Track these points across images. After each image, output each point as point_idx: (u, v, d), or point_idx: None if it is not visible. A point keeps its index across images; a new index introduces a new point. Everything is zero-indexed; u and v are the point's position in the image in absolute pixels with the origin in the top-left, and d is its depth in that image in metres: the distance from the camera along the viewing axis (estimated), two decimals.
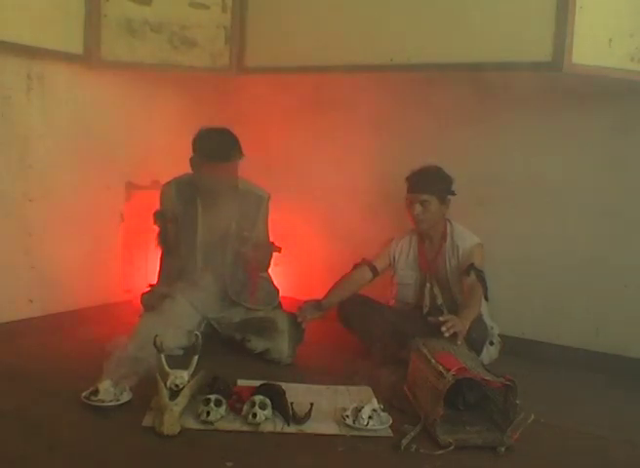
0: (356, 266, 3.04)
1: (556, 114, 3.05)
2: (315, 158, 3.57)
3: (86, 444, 1.98)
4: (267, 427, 2.13)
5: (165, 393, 2.12)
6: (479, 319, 2.72)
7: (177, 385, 2.17)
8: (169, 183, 2.97)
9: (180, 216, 2.90)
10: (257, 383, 2.32)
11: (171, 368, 2.23)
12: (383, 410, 2.22)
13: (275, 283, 3.16)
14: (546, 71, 2.67)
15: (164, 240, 2.90)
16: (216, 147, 2.79)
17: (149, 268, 3.44)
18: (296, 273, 3.60)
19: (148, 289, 3.02)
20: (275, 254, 3.00)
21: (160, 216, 2.92)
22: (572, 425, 2.32)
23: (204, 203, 2.93)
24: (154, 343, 2.26)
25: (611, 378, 2.87)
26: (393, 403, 2.37)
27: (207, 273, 2.91)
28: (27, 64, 2.94)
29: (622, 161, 2.96)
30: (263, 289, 3.04)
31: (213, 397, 2.16)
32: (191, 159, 2.86)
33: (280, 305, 3.11)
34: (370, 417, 2.15)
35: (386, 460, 2.01)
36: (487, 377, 2.12)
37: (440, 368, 2.15)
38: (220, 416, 2.14)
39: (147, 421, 2.11)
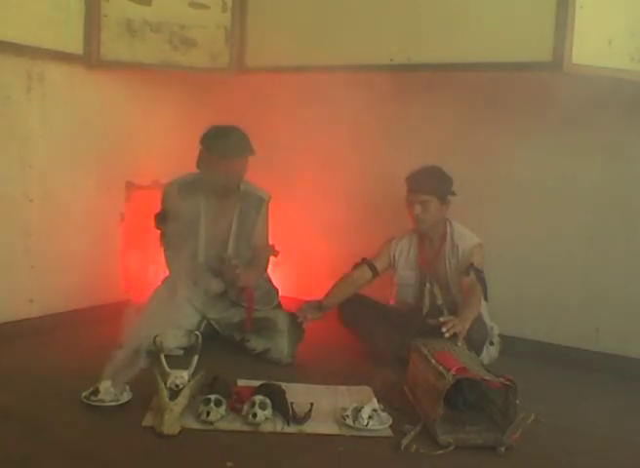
0: (356, 266, 3.04)
1: (556, 114, 3.04)
2: (316, 158, 3.57)
3: (86, 444, 1.99)
4: (267, 427, 2.13)
5: (165, 393, 2.13)
6: (479, 319, 2.72)
7: (177, 385, 2.17)
8: (172, 183, 2.96)
9: (182, 216, 2.90)
10: (257, 383, 2.32)
11: (171, 368, 2.23)
12: (383, 411, 2.22)
13: (274, 283, 3.16)
14: (546, 71, 2.67)
15: (168, 240, 2.89)
16: (229, 143, 2.81)
17: (149, 268, 3.45)
18: (296, 273, 3.60)
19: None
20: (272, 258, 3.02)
21: (162, 217, 2.91)
22: (572, 425, 2.32)
23: (206, 203, 2.93)
24: (154, 343, 2.26)
25: (611, 378, 2.87)
26: (393, 403, 2.37)
27: (207, 273, 2.91)
28: (27, 64, 2.94)
29: (622, 161, 2.96)
30: (262, 288, 3.04)
31: (213, 397, 2.16)
32: (199, 155, 2.86)
33: (280, 305, 3.11)
34: (370, 417, 2.15)
35: (386, 460, 2.01)
36: (487, 377, 2.12)
37: (440, 368, 2.15)
38: (219, 416, 2.14)
39: (147, 421, 2.11)
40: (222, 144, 2.80)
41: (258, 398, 2.17)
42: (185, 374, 2.22)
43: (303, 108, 3.49)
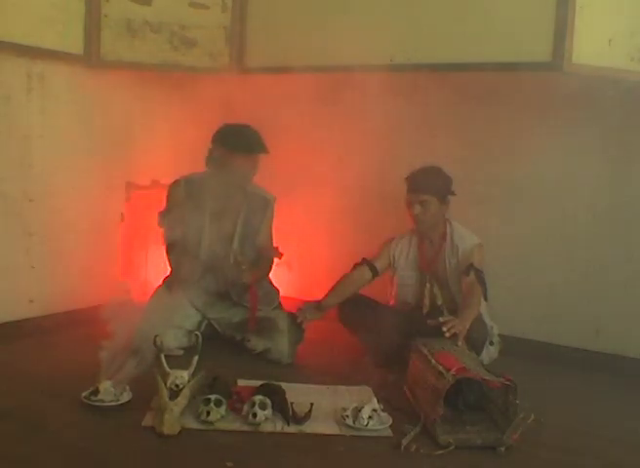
0: (356, 266, 3.04)
1: (556, 114, 3.05)
2: (317, 158, 3.57)
3: (86, 444, 1.99)
4: (267, 427, 2.13)
5: (165, 393, 2.13)
6: (479, 319, 2.72)
7: (177, 385, 2.17)
8: (178, 181, 2.95)
9: (186, 215, 2.89)
10: (257, 383, 2.32)
11: (171, 368, 2.23)
12: (383, 411, 2.22)
13: (275, 283, 3.16)
14: (546, 71, 2.68)
15: (170, 239, 2.88)
16: (248, 140, 2.82)
17: (149, 268, 3.45)
18: (296, 273, 3.60)
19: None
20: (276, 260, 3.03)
21: (167, 215, 2.90)
22: (572, 425, 2.32)
23: (211, 203, 2.93)
24: (154, 343, 2.26)
25: (611, 378, 2.87)
26: (393, 403, 2.37)
27: (209, 273, 2.91)
28: (27, 64, 2.94)
29: (622, 161, 2.96)
30: (264, 289, 3.04)
31: (213, 397, 2.16)
32: (210, 153, 2.86)
33: (280, 305, 3.11)
34: (370, 417, 2.15)
35: (386, 460, 2.01)
36: (487, 377, 2.12)
37: (440, 368, 2.15)
38: (219, 416, 2.14)
39: (147, 421, 2.11)
40: (243, 141, 2.81)
41: (258, 398, 2.17)
42: (185, 374, 2.22)
43: (303, 108, 3.50)
